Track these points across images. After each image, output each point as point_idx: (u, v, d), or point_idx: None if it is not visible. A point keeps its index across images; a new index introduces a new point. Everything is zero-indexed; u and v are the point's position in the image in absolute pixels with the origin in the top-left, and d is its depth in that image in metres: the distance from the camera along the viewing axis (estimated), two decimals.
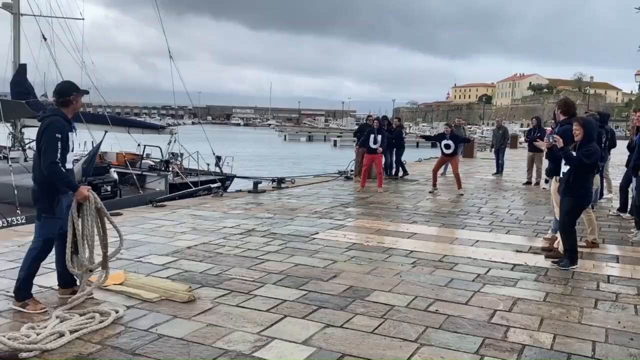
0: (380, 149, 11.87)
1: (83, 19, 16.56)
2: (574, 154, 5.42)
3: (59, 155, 4.04)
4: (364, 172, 12.30)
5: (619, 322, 4.14)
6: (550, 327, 4.03)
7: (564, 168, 5.62)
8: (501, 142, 16.14)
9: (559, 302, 4.62)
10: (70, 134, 4.20)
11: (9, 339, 3.39)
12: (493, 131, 17.54)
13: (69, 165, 4.23)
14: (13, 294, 4.19)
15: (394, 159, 14.93)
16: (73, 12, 16.60)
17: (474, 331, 3.90)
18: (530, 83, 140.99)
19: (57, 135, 4.06)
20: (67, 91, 4.28)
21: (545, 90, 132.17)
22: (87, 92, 4.63)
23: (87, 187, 4.35)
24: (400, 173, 14.95)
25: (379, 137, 11.76)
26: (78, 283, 4.48)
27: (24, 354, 3.32)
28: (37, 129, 4.40)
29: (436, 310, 4.34)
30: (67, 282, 4.47)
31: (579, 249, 5.87)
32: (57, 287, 4.54)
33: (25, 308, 4.09)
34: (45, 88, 19.25)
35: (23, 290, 4.16)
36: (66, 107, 4.26)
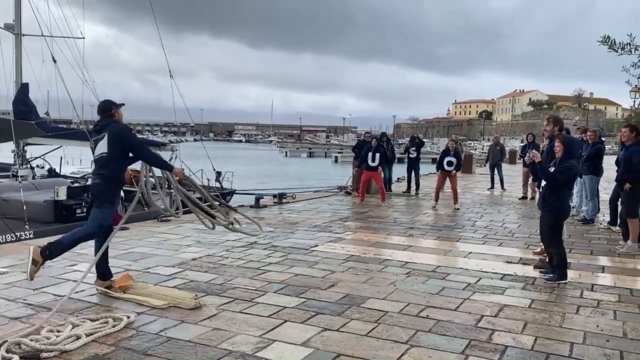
0: (379, 167, 12.40)
1: (83, 37, 17.07)
2: (552, 169, 5.73)
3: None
4: (362, 188, 12.72)
5: (598, 326, 4.43)
6: (533, 330, 4.32)
7: (543, 182, 5.92)
8: (498, 157, 16.62)
9: (543, 308, 4.90)
10: None
11: (31, 340, 3.69)
12: (490, 147, 18.02)
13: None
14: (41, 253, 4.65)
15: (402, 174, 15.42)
16: (74, 32, 17.09)
17: (461, 334, 4.19)
18: (530, 99, 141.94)
19: (133, 132, 5.24)
20: (108, 107, 5.17)
21: (545, 106, 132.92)
22: (123, 105, 5.34)
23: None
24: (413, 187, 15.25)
25: (377, 156, 12.19)
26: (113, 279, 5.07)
27: (45, 354, 3.60)
28: (39, 146, 5.16)
29: (427, 315, 4.63)
30: (104, 274, 5.02)
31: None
32: (95, 280, 5.09)
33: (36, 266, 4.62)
34: (48, 106, 19.67)
35: (51, 251, 4.71)
36: (112, 117, 5.11)
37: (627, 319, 4.63)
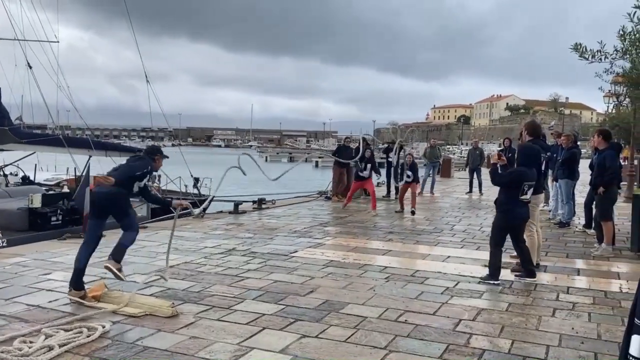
0: (370, 176, 12.61)
1: (58, 42, 16.82)
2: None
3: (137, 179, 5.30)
4: (350, 194, 12.85)
5: (573, 328, 4.49)
6: (510, 333, 4.36)
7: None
8: (478, 161, 16.84)
9: (519, 312, 4.95)
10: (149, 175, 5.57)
11: (1, 352, 3.60)
12: (469, 151, 18.23)
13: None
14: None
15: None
16: (48, 35, 16.81)
17: (439, 338, 4.21)
18: (507, 104, 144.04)
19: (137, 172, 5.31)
20: (155, 152, 5.66)
21: (522, 110, 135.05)
22: (167, 157, 5.74)
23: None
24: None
25: (368, 166, 12.37)
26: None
27: None
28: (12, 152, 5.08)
29: (405, 320, 4.64)
30: (79, 284, 4.99)
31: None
32: (69, 289, 5.04)
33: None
34: (22, 111, 19.25)
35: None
36: (152, 161, 5.53)
37: (601, 321, 4.70)
